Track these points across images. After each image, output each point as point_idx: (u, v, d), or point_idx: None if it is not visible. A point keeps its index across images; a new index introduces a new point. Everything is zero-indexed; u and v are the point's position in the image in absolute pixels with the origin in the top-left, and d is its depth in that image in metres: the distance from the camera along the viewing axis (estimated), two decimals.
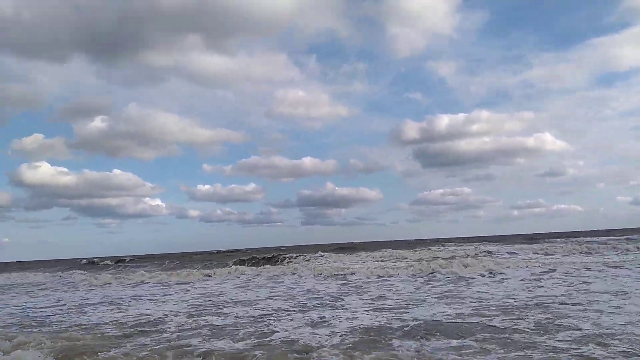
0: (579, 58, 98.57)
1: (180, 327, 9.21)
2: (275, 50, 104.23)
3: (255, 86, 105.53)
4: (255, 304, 12.11)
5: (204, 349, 6.95)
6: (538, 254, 25.93)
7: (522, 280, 14.23)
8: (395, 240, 71.70)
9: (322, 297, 12.79)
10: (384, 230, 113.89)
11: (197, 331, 8.70)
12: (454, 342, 6.91)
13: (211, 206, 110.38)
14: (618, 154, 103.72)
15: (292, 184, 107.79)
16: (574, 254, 24.85)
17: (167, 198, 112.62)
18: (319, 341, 7.35)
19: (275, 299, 13.01)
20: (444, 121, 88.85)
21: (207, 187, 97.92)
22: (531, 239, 52.36)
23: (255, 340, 7.66)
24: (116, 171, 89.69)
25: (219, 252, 62.18)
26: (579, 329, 7.28)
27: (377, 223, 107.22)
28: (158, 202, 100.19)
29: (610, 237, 40.74)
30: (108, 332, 9.06)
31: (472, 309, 9.57)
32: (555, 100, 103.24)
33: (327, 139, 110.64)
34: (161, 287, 19.28)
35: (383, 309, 10.31)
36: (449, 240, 60.38)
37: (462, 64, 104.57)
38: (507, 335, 7.20)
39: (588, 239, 41.38)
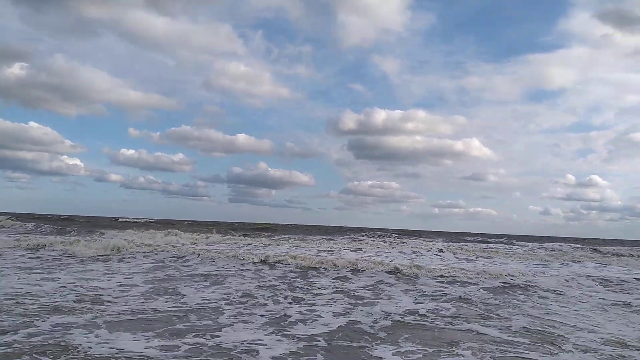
0: (513, 72, 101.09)
1: None
2: (220, 20, 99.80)
3: (196, 55, 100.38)
4: None
5: None
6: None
7: None
8: (322, 226, 72.70)
9: None
10: (311, 215, 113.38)
11: None
12: None
13: (134, 172, 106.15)
14: (535, 167, 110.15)
15: (223, 160, 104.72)
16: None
17: (87, 159, 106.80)
18: None
19: None
20: (381, 115, 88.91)
21: (131, 151, 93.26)
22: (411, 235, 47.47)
23: None
24: (32, 124, 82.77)
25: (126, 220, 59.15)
26: None
27: (305, 207, 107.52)
28: (77, 161, 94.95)
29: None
30: None
31: None
32: (486, 109, 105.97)
33: (266, 119, 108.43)
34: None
35: None
36: (371, 229, 59.21)
37: (406, 62, 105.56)
38: None
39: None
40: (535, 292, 11.93)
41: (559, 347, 6.74)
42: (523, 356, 6.22)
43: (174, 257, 16.96)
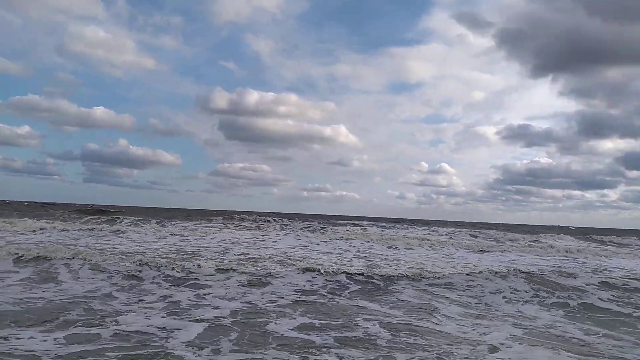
0: (378, 63, 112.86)
1: None
2: None
3: (48, 15, 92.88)
4: None
5: None
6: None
7: None
8: (185, 209, 69.34)
9: None
10: (177, 198, 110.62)
11: None
12: None
13: None
14: (394, 154, 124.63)
15: (77, 135, 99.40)
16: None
17: None
18: None
19: None
20: (254, 97, 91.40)
21: None
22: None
23: None
24: None
25: None
26: None
27: (171, 189, 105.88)
28: None
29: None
30: None
31: None
32: (353, 97, 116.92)
33: (127, 92, 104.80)
34: None
35: None
36: (241, 212, 52.30)
37: (279, 45, 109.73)
38: None
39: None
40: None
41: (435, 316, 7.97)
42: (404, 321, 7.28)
43: None
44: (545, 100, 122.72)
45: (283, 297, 8.76)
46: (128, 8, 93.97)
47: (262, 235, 23.30)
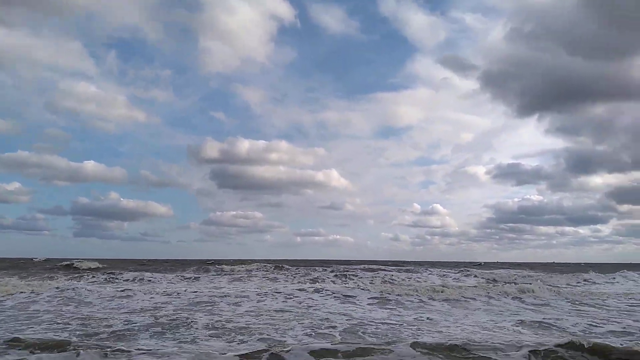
0: (365, 109, 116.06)
1: None
2: (68, 36, 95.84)
3: (38, 72, 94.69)
4: None
5: None
6: None
7: None
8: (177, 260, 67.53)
9: None
10: (169, 249, 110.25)
11: None
12: None
13: None
14: (386, 197, 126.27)
15: (68, 189, 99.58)
16: None
17: None
18: None
19: None
20: (245, 145, 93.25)
21: None
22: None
23: None
24: None
25: None
26: None
27: (162, 240, 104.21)
28: None
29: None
30: None
31: None
32: (343, 143, 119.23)
33: (119, 145, 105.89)
34: None
35: None
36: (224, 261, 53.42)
37: (268, 93, 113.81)
38: None
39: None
40: None
41: None
42: None
43: None
44: (533, 139, 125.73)
45: None
46: (118, 63, 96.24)
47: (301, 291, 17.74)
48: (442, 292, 17.78)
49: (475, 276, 33.71)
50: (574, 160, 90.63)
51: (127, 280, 25.99)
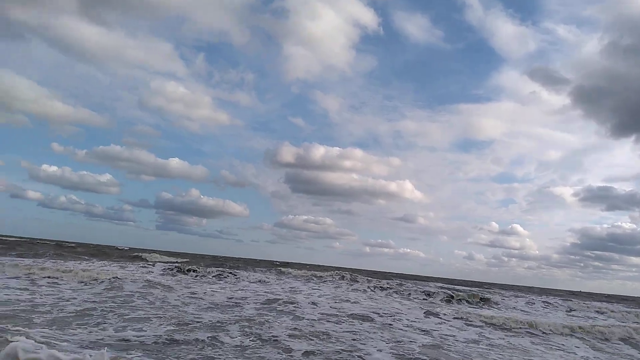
0: (445, 120, 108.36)
1: None
2: (160, 36, 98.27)
3: (132, 70, 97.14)
4: None
5: None
6: None
7: None
8: (250, 259, 69.65)
9: None
10: (242, 247, 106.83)
11: None
12: None
13: (55, 190, 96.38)
14: (462, 212, 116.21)
15: (153, 184, 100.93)
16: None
17: (3, 172, 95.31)
18: None
19: None
20: (319, 151, 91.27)
21: (53, 168, 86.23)
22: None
23: None
24: None
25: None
26: None
27: (236, 239, 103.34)
28: None
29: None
30: None
31: None
32: (419, 154, 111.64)
33: (201, 145, 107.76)
34: None
35: None
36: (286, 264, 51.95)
37: (347, 101, 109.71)
38: None
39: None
40: None
41: None
42: None
43: None
44: (628, 161, 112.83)
45: None
46: (206, 65, 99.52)
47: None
48: None
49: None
50: None
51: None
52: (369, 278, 31.68)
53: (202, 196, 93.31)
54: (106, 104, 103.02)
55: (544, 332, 14.42)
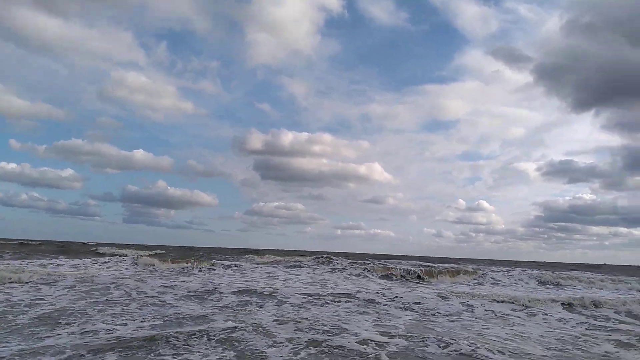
0: (412, 102, 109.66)
1: None
2: (120, 26, 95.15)
3: (91, 62, 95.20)
4: None
5: None
6: None
7: None
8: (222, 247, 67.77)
9: None
10: (213, 237, 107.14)
11: None
12: None
13: (15, 188, 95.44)
14: (430, 192, 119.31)
15: (118, 177, 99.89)
16: None
17: None
18: None
19: None
20: (288, 137, 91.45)
21: (12, 165, 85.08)
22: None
23: None
24: None
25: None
26: None
27: (207, 229, 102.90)
28: None
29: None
30: None
31: None
32: (387, 136, 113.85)
33: (166, 135, 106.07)
34: None
35: None
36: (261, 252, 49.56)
37: (313, 86, 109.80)
38: None
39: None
40: None
41: None
42: None
43: None
44: (588, 135, 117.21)
45: None
46: (168, 54, 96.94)
47: None
48: None
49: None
50: (631, 158, 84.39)
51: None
52: (350, 261, 31.66)
53: (169, 187, 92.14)
54: (66, 97, 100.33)
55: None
